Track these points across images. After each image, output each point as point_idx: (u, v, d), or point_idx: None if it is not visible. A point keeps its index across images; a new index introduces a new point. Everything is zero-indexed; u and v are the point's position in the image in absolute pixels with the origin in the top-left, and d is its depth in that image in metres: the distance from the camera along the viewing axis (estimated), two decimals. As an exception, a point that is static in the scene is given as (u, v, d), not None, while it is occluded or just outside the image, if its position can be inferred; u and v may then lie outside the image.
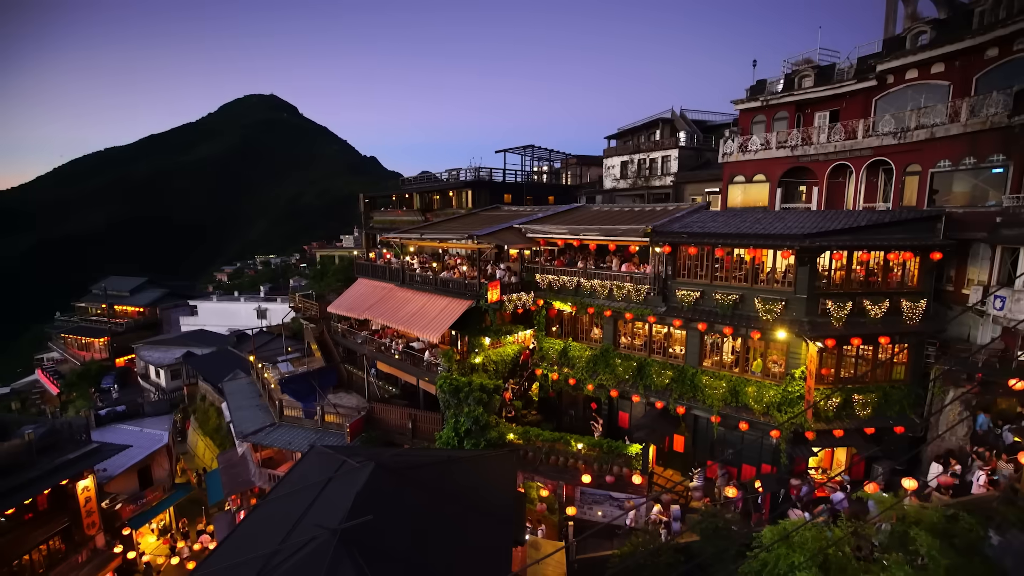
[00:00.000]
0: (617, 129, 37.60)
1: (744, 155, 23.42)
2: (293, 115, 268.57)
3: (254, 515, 11.19)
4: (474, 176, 37.02)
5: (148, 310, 57.16)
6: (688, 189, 29.30)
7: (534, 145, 42.84)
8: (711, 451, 18.66)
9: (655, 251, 18.96)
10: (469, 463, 13.50)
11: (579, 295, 21.26)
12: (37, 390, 52.56)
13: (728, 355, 18.24)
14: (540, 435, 18.68)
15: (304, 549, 8.02)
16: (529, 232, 23.62)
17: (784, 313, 16.02)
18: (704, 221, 19.26)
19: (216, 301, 58.31)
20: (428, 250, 29.14)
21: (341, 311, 27.69)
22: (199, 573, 9.56)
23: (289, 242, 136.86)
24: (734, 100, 24.46)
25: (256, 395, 28.15)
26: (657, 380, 19.03)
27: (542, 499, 18.71)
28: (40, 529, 19.47)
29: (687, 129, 32.08)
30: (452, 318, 20.83)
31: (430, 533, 9.58)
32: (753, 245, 16.35)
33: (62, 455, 20.20)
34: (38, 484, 18.82)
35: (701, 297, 17.90)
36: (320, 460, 12.03)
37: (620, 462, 17.39)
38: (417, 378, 22.67)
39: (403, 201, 44.47)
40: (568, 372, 21.37)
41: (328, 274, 51.76)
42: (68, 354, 56.59)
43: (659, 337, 19.77)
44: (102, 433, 26.93)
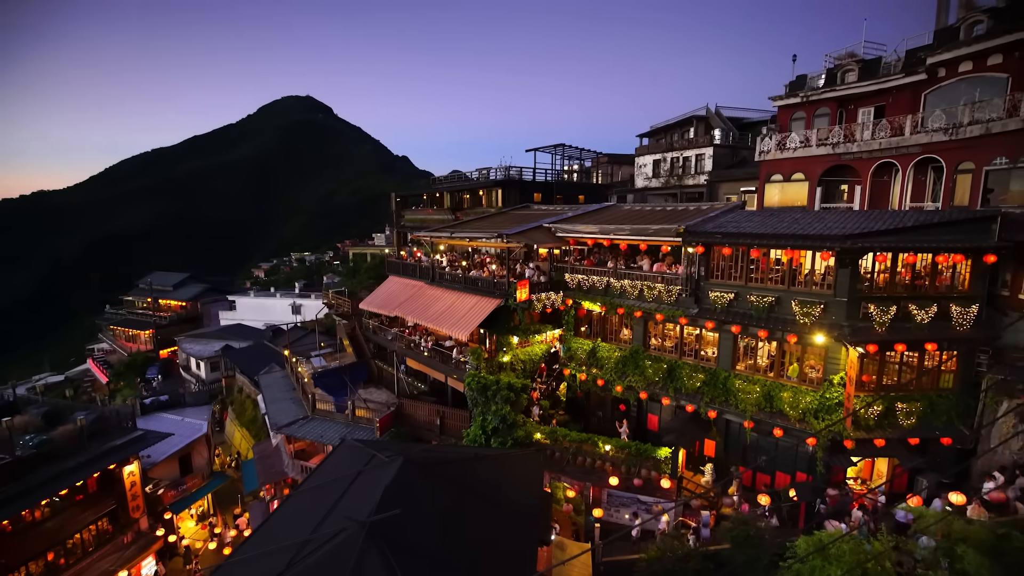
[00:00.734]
0: (649, 127, 37.04)
1: (782, 153, 22.70)
2: (328, 116, 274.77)
3: (287, 505, 11.49)
4: (504, 175, 37.09)
5: (190, 304, 59.45)
6: (722, 188, 28.61)
7: (565, 144, 42.61)
8: (743, 457, 18.18)
9: (688, 251, 18.58)
10: (496, 461, 13.54)
11: (609, 295, 21.03)
12: (88, 378, 55.36)
13: (763, 359, 17.73)
14: (567, 435, 18.58)
15: (334, 540, 8.20)
16: (559, 231, 23.50)
17: (823, 317, 15.46)
18: (739, 221, 18.76)
19: (253, 297, 60.27)
20: (458, 249, 29.35)
21: (372, 308, 28.17)
22: (235, 558, 9.88)
23: (323, 240, 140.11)
24: (772, 96, 23.75)
25: (290, 388, 28.96)
26: (688, 383, 18.67)
27: (568, 500, 18.61)
28: (89, 511, 20.52)
29: (722, 127, 31.33)
30: (481, 316, 20.92)
31: (456, 529, 9.63)
32: (791, 246, 15.83)
33: (110, 441, 21.24)
34: (89, 467, 19.84)
35: (735, 299, 17.45)
36: (350, 454, 12.28)
37: (648, 465, 17.13)
38: (445, 375, 22.86)
39: (434, 200, 44.93)
40: (596, 373, 21.17)
41: (360, 271, 52.78)
42: (116, 345, 59.41)
43: (690, 339, 19.37)
44: (146, 421, 28.18)
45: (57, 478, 18.66)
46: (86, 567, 19.86)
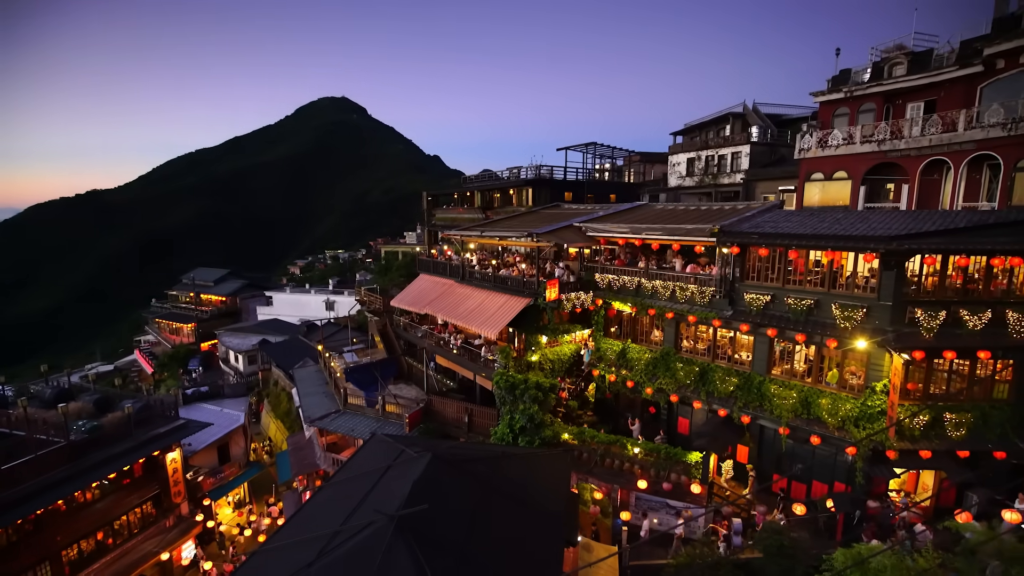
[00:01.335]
0: (684, 125, 36.34)
1: (824, 150, 21.90)
2: (362, 116, 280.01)
3: (318, 496, 11.77)
4: (535, 174, 37.01)
5: (229, 299, 61.57)
6: (760, 187, 27.82)
7: (596, 142, 42.20)
8: (778, 464, 17.63)
9: (722, 252, 18.13)
10: (523, 460, 13.54)
11: (640, 296, 20.73)
12: (135, 369, 58.06)
13: (800, 364, 17.15)
14: (595, 437, 18.42)
15: (363, 532, 8.35)
16: (589, 231, 23.29)
17: (865, 321, 14.83)
18: (777, 221, 18.18)
19: (289, 293, 61.93)
20: (488, 247, 29.46)
21: (403, 305, 28.57)
22: (269, 545, 10.18)
23: (356, 238, 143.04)
24: (814, 92, 22.92)
25: (323, 383, 29.65)
26: (721, 387, 18.23)
27: (596, 502, 18.44)
28: (135, 494, 21.53)
29: (760, 124, 30.45)
30: (510, 315, 20.94)
31: (482, 526, 9.67)
32: (832, 247, 15.23)
33: (154, 428, 22.23)
34: (135, 453, 20.82)
35: (771, 301, 16.93)
36: (380, 448, 12.48)
37: (679, 470, 16.81)
38: (474, 373, 22.98)
39: (464, 199, 45.22)
40: (626, 374, 20.90)
41: (392, 269, 53.57)
42: (161, 337, 62.11)
43: (724, 342, 18.91)
44: (188, 411, 29.32)
45: (106, 462, 19.65)
46: (131, 548, 20.85)
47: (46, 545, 18.18)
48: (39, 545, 17.97)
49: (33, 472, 17.56)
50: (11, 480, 16.93)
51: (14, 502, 16.70)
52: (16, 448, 17.75)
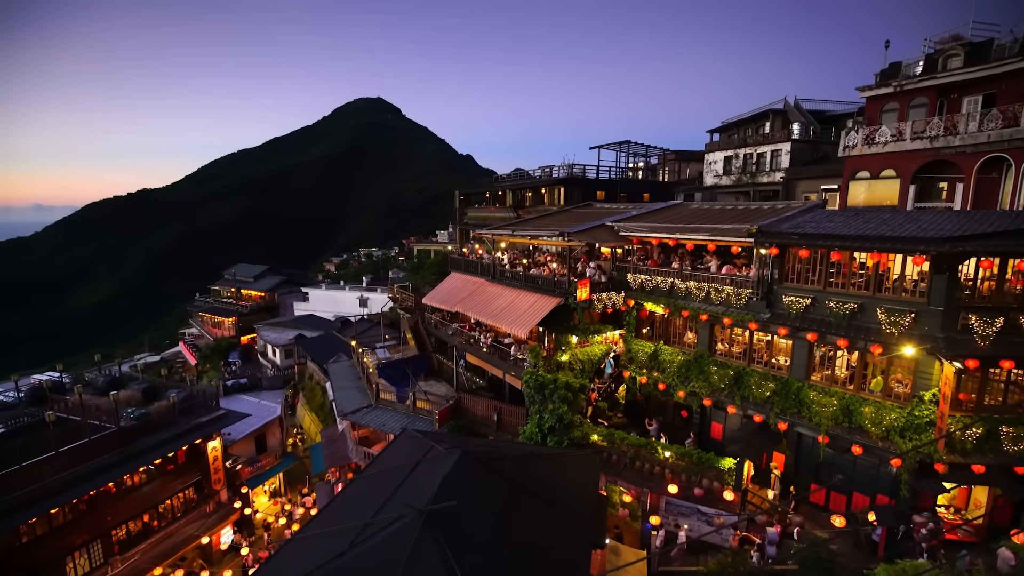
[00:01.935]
0: (721, 122, 35.45)
1: (870, 148, 20.97)
2: (397, 116, 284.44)
3: (350, 488, 12.03)
4: (567, 173, 36.79)
5: (268, 295, 63.67)
6: (800, 186, 26.88)
7: (630, 141, 41.62)
8: (816, 474, 17.00)
9: (760, 253, 17.59)
10: (551, 460, 13.49)
11: (673, 297, 20.34)
12: (180, 360, 60.72)
13: (841, 370, 16.49)
14: (625, 439, 18.18)
15: (393, 525, 8.47)
16: (622, 230, 22.99)
17: (914, 327, 14.13)
18: (819, 221, 17.51)
19: (325, 289, 63.58)
20: (519, 246, 29.46)
21: (434, 303, 28.88)
22: (303, 534, 10.47)
23: (389, 236, 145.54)
24: (860, 87, 21.98)
25: (356, 377, 30.30)
26: (756, 392, 17.70)
27: (624, 504, 18.21)
28: (178, 480, 22.53)
29: (801, 120, 29.41)
30: (540, 315, 20.89)
31: (510, 525, 9.67)
32: (879, 248, 14.56)
33: (197, 417, 23.21)
34: (179, 440, 21.79)
35: (812, 304, 16.32)
36: (410, 443, 12.65)
37: (711, 475, 16.41)
38: (503, 372, 23.03)
39: (496, 198, 45.36)
40: (658, 377, 20.55)
41: (424, 267, 54.28)
42: (204, 330, 64.74)
43: (760, 345, 18.36)
44: (228, 402, 30.47)
45: (153, 448, 20.65)
46: (174, 531, 21.84)
47: (97, 525, 19.23)
48: (91, 524, 19.03)
49: (87, 455, 18.60)
50: (68, 462, 17.97)
51: (70, 483, 17.74)
52: (72, 432, 18.83)
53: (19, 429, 20.14)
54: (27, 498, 16.58)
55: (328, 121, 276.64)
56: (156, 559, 20.59)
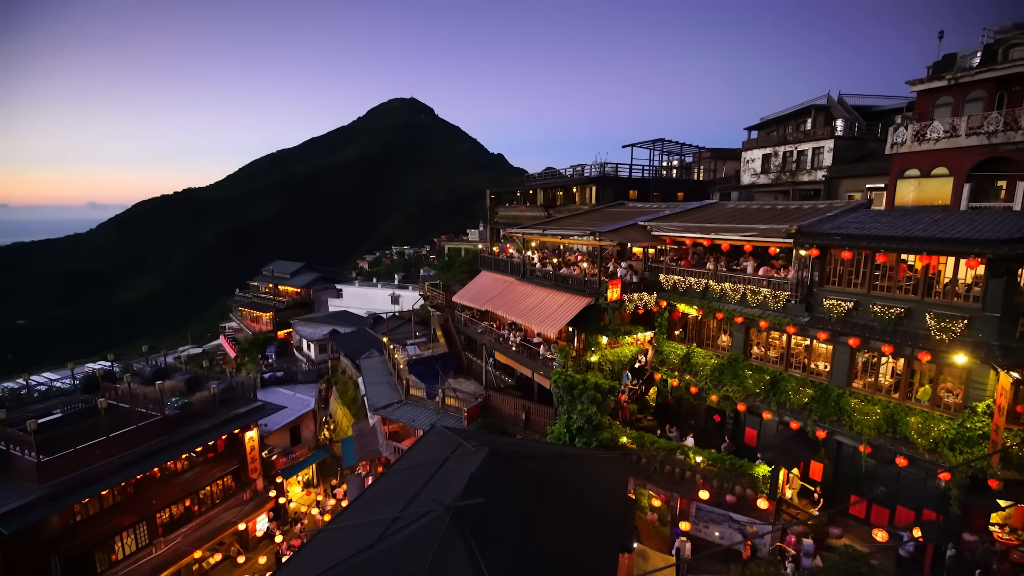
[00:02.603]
0: (759, 119, 34.41)
1: (920, 144, 19.97)
2: (429, 116, 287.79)
3: (380, 482, 12.23)
4: (599, 172, 36.43)
5: (303, 291, 65.42)
6: (844, 185, 25.84)
7: (664, 139, 40.89)
8: (856, 485, 16.31)
9: (799, 254, 16.99)
10: (579, 461, 13.38)
11: (707, 298, 19.87)
12: (220, 352, 63.05)
13: (885, 377, 15.77)
14: (655, 442, 17.88)
15: (421, 520, 8.57)
16: (655, 230, 22.60)
17: (966, 333, 13.38)
18: (863, 221, 16.79)
19: (358, 286, 64.87)
20: (549, 246, 29.35)
21: (464, 301, 29.07)
22: (333, 525, 10.70)
23: (421, 234, 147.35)
24: (910, 80, 20.95)
25: (387, 373, 30.81)
26: (794, 398, 17.12)
27: (653, 509, 17.92)
28: (217, 468, 23.40)
29: (846, 116, 28.25)
30: (570, 314, 20.76)
31: (536, 524, 9.64)
32: (929, 251, 13.84)
33: (236, 408, 24.05)
34: (219, 430, 22.63)
35: (854, 308, 15.66)
36: (439, 440, 12.76)
37: (744, 482, 15.97)
38: (532, 371, 23.00)
39: (527, 197, 45.32)
40: (690, 380, 20.12)
41: (454, 266, 54.71)
42: (243, 324, 67.02)
43: (798, 350, 17.75)
44: (264, 394, 31.48)
45: (195, 436, 21.51)
46: (213, 516, 22.71)
47: (143, 507, 20.18)
48: (138, 507, 19.98)
49: (135, 441, 19.53)
50: (118, 447, 18.91)
51: (119, 467, 18.66)
52: (121, 419, 19.80)
53: (74, 414, 21.29)
54: (81, 479, 17.54)
55: (363, 121, 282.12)
56: (196, 542, 21.46)
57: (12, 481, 17.07)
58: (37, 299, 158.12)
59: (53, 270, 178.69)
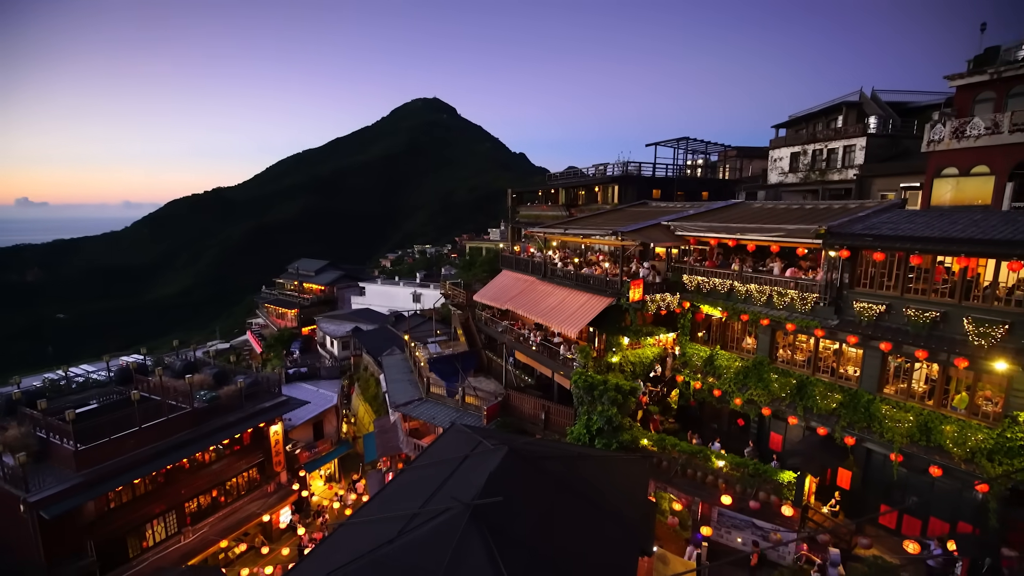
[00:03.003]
0: (788, 117, 33.61)
1: (960, 142, 19.21)
2: (452, 116, 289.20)
3: (400, 478, 12.33)
4: (621, 171, 36.08)
5: (327, 288, 66.52)
6: (876, 184, 25.05)
7: (688, 137, 40.27)
8: (886, 494, 15.81)
9: (829, 255, 16.53)
10: (599, 462, 13.27)
11: (732, 300, 19.50)
12: (247, 348, 64.56)
13: (919, 383, 15.23)
14: (677, 445, 17.62)
15: (440, 516, 8.60)
16: (678, 229, 22.28)
17: (1007, 339, 12.82)
18: (897, 221, 16.24)
19: (380, 284, 65.67)
20: (571, 245, 29.21)
21: (485, 300, 29.14)
22: (355, 519, 10.84)
23: (442, 233, 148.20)
24: (949, 75, 20.17)
25: (408, 371, 31.09)
26: (821, 403, 16.67)
27: (674, 513, 17.67)
28: (243, 460, 23.95)
29: (879, 113, 27.38)
30: (591, 315, 20.62)
31: (555, 524, 9.60)
32: (968, 253, 13.32)
33: (261, 402, 24.56)
34: (245, 423, 23.15)
35: (886, 311, 15.17)
36: (459, 438, 12.80)
37: (768, 488, 15.62)
38: (552, 371, 22.93)
39: (548, 196, 45.18)
40: (713, 382, 19.78)
41: (475, 265, 54.90)
42: (269, 320, 68.51)
43: (827, 354, 17.28)
44: (289, 389, 32.08)
45: (222, 429, 22.06)
46: (239, 507, 23.25)
47: (173, 497, 20.79)
48: (167, 496, 20.59)
49: (165, 432, 20.13)
50: (149, 437, 19.52)
51: (151, 456, 19.27)
52: (153, 410, 20.43)
53: (109, 405, 22.06)
54: (115, 468, 18.17)
55: (387, 121, 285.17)
56: (222, 532, 22.03)
57: (52, 468, 17.77)
58: (76, 294, 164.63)
59: (91, 266, 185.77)
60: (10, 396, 20.95)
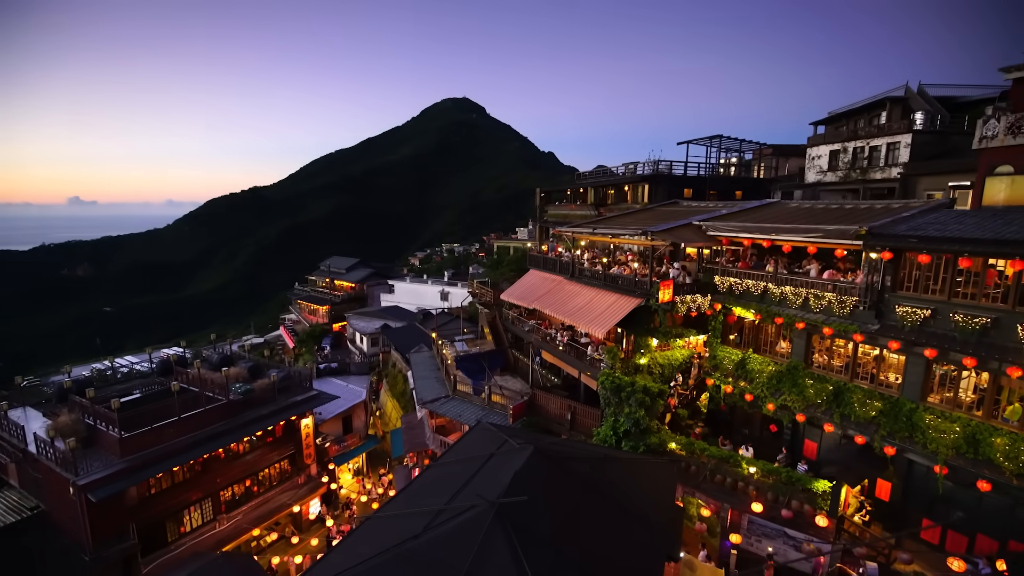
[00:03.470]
0: (827, 113, 32.46)
1: (1016, 138, 18.17)
2: (481, 115, 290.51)
3: (426, 474, 12.45)
4: (652, 170, 35.55)
5: (358, 286, 67.70)
6: (922, 183, 23.94)
7: (722, 135, 39.38)
8: (929, 508, 15.10)
9: (870, 257, 15.90)
10: (626, 465, 13.11)
11: (766, 302, 18.97)
12: (280, 343, 66.31)
13: (967, 392, 14.50)
14: (706, 450, 17.25)
15: (465, 514, 8.64)
16: (710, 229, 21.80)
17: (1066, 347, 12.08)
18: (945, 222, 15.49)
19: (409, 282, 66.49)
20: (599, 245, 28.94)
21: (512, 299, 29.16)
22: (381, 513, 11.00)
23: (470, 232, 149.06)
24: (1005, 67, 19.08)
25: (435, 368, 31.38)
26: (859, 410, 16.05)
27: (703, 519, 17.31)
28: (275, 452, 24.60)
29: (927, 108, 26.16)
30: (619, 315, 20.38)
31: (580, 525, 9.53)
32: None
33: (293, 396, 25.17)
34: (277, 416, 23.77)
35: (931, 316, 14.49)
36: (485, 436, 12.84)
37: (801, 497, 15.12)
38: (579, 371, 22.77)
39: (577, 195, 44.89)
40: (745, 387, 19.28)
41: (503, 264, 55.01)
42: (301, 316, 70.21)
43: (866, 359, 16.63)
44: (319, 383, 32.75)
45: (255, 421, 22.70)
46: (270, 497, 23.90)
47: (209, 485, 21.51)
48: (204, 484, 21.32)
49: (203, 423, 20.85)
50: (188, 427, 20.27)
51: (189, 445, 19.99)
52: (191, 401, 21.20)
53: (151, 395, 23.00)
54: (156, 455, 18.94)
55: (417, 121, 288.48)
56: (255, 521, 22.69)
57: (98, 454, 18.65)
58: (122, 288, 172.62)
59: (135, 262, 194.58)
60: (62, 384, 22.08)
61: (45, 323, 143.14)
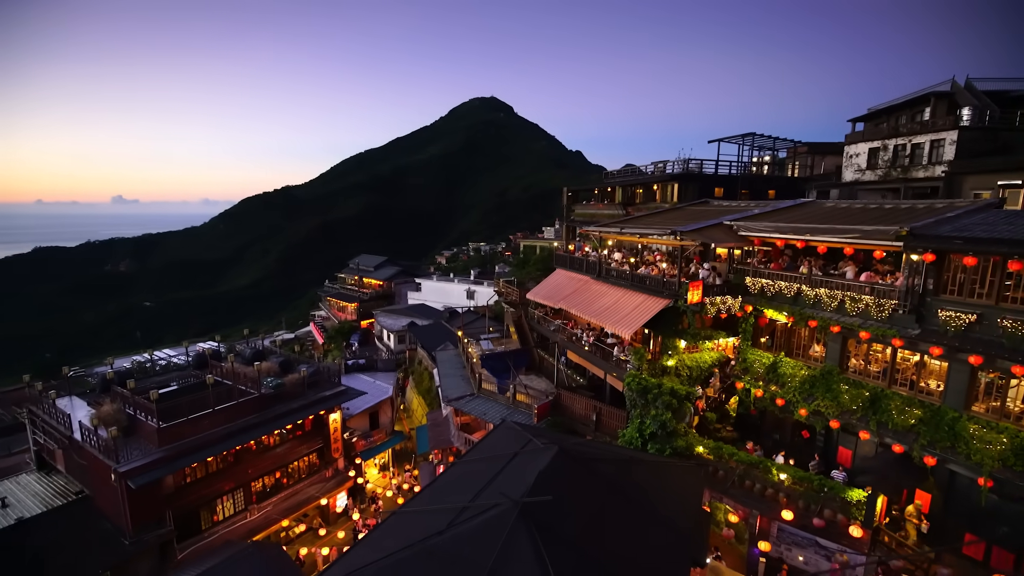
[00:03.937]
0: (867, 110, 31.34)
1: (1071, 136, 17.21)
2: (509, 114, 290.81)
3: (451, 471, 12.55)
4: (682, 168, 34.97)
5: (385, 284, 68.70)
6: (968, 182, 22.87)
7: (755, 133, 38.42)
8: (971, 521, 14.43)
9: (911, 259, 15.27)
10: (652, 468, 12.93)
11: (799, 304, 18.44)
12: (310, 339, 67.79)
13: (1015, 402, 13.79)
14: (735, 455, 16.89)
15: (489, 512, 8.67)
16: (742, 230, 21.30)
17: None
18: (993, 222, 14.77)
19: (435, 281, 67.11)
20: (627, 245, 28.63)
21: (538, 299, 29.12)
22: (406, 508, 11.14)
23: (497, 231, 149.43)
24: (1061, 61, 18.06)
25: (460, 366, 31.59)
26: (898, 418, 15.45)
27: (730, 525, 16.96)
28: (304, 445, 25.19)
29: (975, 103, 24.95)
30: (646, 316, 20.13)
31: (604, 527, 9.44)
32: (1078, 258, 11.92)
33: (322, 391, 25.72)
34: (307, 410, 24.33)
35: (977, 321, 13.83)
36: (509, 434, 12.85)
37: (834, 506, 14.68)
38: (605, 372, 22.58)
39: (605, 195, 44.50)
40: (776, 391, 18.78)
41: (529, 263, 54.96)
42: (331, 313, 71.67)
43: (905, 365, 15.99)
44: (347, 379, 33.33)
45: (285, 415, 23.28)
46: (299, 489, 24.49)
47: (241, 476, 22.19)
48: (236, 475, 22.00)
49: (236, 415, 21.50)
50: (222, 419, 20.95)
51: (223, 437, 20.65)
52: (225, 394, 21.89)
53: (187, 388, 23.85)
54: (192, 446, 19.64)
55: (445, 121, 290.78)
56: (284, 512, 23.29)
57: (138, 443, 19.45)
58: (161, 284, 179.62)
59: (174, 259, 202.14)
60: (105, 375, 23.10)
61: (89, 316, 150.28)
